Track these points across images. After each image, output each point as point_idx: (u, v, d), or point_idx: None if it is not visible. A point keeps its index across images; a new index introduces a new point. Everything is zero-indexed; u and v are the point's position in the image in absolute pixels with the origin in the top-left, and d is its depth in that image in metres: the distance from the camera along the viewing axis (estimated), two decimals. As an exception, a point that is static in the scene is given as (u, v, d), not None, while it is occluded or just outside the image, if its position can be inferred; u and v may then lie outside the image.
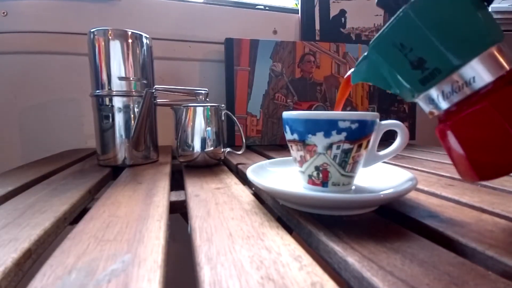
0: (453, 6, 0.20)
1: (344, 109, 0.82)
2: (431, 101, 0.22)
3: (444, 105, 0.22)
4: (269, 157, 0.55)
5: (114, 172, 0.48)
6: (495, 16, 0.93)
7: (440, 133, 0.23)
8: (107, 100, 0.49)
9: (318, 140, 0.26)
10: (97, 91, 0.49)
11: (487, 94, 0.20)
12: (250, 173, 0.30)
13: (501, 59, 0.19)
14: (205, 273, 0.17)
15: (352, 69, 0.28)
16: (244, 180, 0.40)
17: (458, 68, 0.20)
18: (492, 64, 0.19)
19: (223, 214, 0.27)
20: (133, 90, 0.50)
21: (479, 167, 0.21)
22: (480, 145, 0.20)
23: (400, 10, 0.21)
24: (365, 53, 0.25)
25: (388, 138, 0.31)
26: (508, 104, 0.19)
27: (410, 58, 0.21)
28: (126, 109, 0.49)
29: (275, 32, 0.91)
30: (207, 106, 0.49)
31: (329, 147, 0.26)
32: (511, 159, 0.19)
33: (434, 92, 0.22)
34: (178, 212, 0.34)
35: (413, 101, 0.24)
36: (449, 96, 0.21)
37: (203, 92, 0.52)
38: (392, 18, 0.22)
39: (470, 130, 0.20)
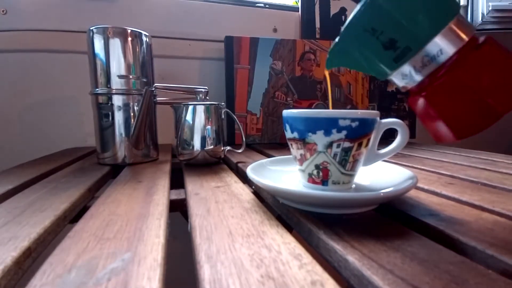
0: None
1: (344, 107, 0.81)
2: (404, 76, 0.24)
3: (416, 78, 0.24)
4: (269, 156, 0.55)
5: (114, 171, 0.48)
6: (495, 14, 0.93)
7: (415, 104, 0.25)
8: (106, 98, 0.49)
9: (318, 138, 0.26)
10: (97, 89, 0.49)
11: (453, 64, 0.22)
12: (250, 171, 0.30)
13: (461, 30, 0.22)
14: (205, 271, 0.17)
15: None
16: (244, 178, 0.40)
17: (426, 44, 0.22)
18: (454, 36, 0.22)
19: (223, 212, 0.27)
20: (133, 89, 0.50)
21: (455, 127, 0.23)
22: (453, 108, 0.23)
23: None
24: (336, 40, 0.26)
25: (388, 136, 0.31)
26: (475, 70, 0.21)
27: (382, 40, 0.23)
28: (125, 107, 0.49)
29: (275, 30, 0.91)
30: (207, 104, 0.49)
31: (329, 145, 0.26)
32: (482, 117, 0.22)
33: (406, 68, 0.24)
34: (178, 211, 0.34)
35: (386, 79, 0.26)
36: (420, 70, 0.23)
37: (203, 90, 0.52)
38: (360, 5, 0.23)
39: (443, 97, 0.23)
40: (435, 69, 0.22)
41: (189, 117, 0.48)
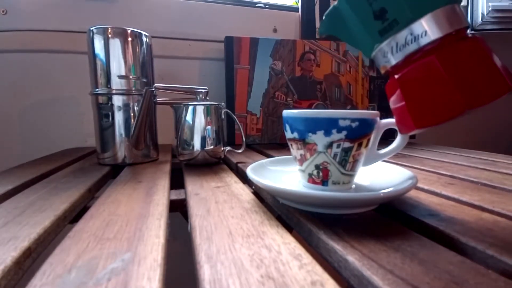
0: None
1: (344, 107, 0.81)
2: (385, 54, 0.24)
3: (395, 58, 0.23)
4: (269, 156, 0.55)
5: (114, 171, 0.48)
6: (495, 14, 0.93)
7: (388, 87, 0.24)
8: (106, 98, 0.49)
9: (318, 138, 0.26)
10: (97, 89, 0.49)
11: (434, 49, 0.21)
12: (250, 171, 0.30)
13: (452, 19, 0.21)
14: (205, 272, 0.17)
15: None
16: (244, 178, 0.40)
17: (413, 22, 0.22)
18: (443, 21, 0.21)
19: (223, 212, 0.27)
20: (133, 89, 0.50)
21: (415, 115, 0.22)
22: (418, 95, 0.22)
23: None
24: (335, 4, 0.25)
25: (388, 136, 0.31)
26: (452, 60, 0.21)
27: (374, 7, 0.23)
28: (126, 107, 0.49)
29: (275, 30, 0.91)
30: (207, 104, 0.49)
31: (329, 145, 0.26)
32: (445, 109, 0.21)
33: (388, 45, 0.23)
34: (178, 211, 0.34)
35: (371, 57, 0.25)
36: (401, 49, 0.22)
37: (203, 90, 0.52)
38: None
39: (414, 82, 0.22)
40: (414, 51, 0.22)
41: (189, 117, 0.48)
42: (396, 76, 0.23)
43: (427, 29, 0.21)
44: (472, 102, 0.20)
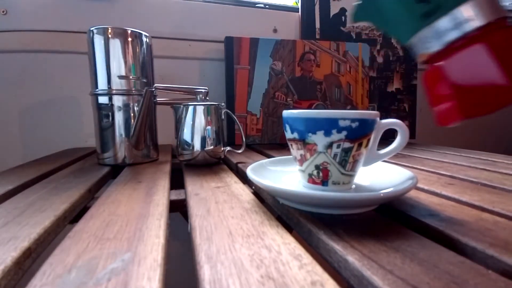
0: None
1: (344, 108, 0.81)
2: (424, 41, 0.23)
3: (435, 45, 0.22)
4: (269, 156, 0.55)
5: (114, 171, 0.48)
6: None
7: (428, 75, 0.23)
8: (106, 99, 0.49)
9: (318, 139, 0.26)
10: (97, 89, 0.49)
11: (479, 37, 0.20)
12: (250, 172, 0.30)
13: (494, 7, 0.21)
14: (205, 272, 0.17)
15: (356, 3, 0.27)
16: (244, 179, 0.40)
17: (456, 7, 0.21)
18: (486, 9, 0.20)
19: (223, 212, 0.27)
20: (133, 89, 0.50)
21: (463, 104, 0.21)
22: (469, 84, 0.21)
23: None
24: None
25: (388, 137, 0.31)
26: (501, 47, 0.20)
27: None
28: (126, 108, 0.49)
29: (275, 30, 0.91)
30: (207, 105, 0.49)
31: (329, 146, 0.26)
32: (496, 98, 0.20)
33: (428, 32, 0.22)
34: (178, 211, 0.34)
35: (408, 43, 0.24)
36: (442, 35, 0.22)
37: (203, 90, 0.52)
38: None
39: (462, 69, 0.21)
40: (456, 38, 0.21)
41: (189, 117, 0.48)
42: (439, 64, 0.22)
43: (470, 15, 0.20)
44: None
